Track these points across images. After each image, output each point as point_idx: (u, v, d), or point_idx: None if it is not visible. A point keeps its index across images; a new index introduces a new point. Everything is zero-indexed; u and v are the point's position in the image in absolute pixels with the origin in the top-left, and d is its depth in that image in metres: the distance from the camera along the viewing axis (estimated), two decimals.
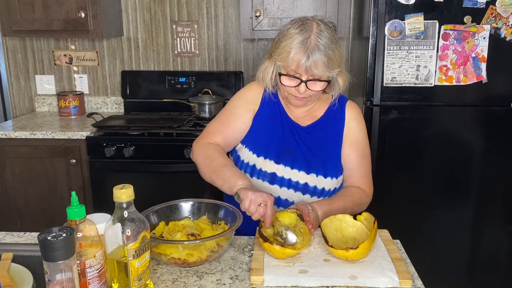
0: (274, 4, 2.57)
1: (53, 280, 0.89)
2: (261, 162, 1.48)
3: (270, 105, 1.54)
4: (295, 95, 1.43)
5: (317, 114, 1.55)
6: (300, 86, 1.39)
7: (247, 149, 1.51)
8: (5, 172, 2.58)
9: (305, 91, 1.40)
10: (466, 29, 2.15)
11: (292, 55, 1.35)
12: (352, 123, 1.54)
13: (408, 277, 1.10)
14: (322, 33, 1.36)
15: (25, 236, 1.36)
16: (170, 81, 2.95)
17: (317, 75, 1.37)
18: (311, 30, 1.36)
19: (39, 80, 3.10)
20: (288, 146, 1.49)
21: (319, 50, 1.34)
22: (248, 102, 1.55)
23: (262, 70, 1.50)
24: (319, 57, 1.34)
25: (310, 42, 1.34)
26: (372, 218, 1.27)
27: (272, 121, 1.53)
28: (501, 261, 2.43)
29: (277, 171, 1.46)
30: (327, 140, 1.52)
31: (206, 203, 1.38)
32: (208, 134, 1.55)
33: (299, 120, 1.54)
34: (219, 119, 1.58)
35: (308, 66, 1.35)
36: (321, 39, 1.35)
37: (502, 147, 2.29)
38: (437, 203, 2.35)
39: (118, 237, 0.99)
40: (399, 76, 2.21)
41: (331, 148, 1.51)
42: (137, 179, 2.40)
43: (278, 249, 1.16)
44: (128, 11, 2.97)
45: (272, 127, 1.52)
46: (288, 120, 1.53)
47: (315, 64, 1.34)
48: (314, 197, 1.48)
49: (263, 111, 1.54)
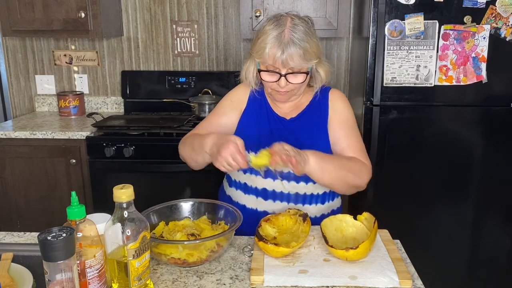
0: (274, 4, 2.57)
1: (53, 280, 0.89)
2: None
3: (257, 103, 1.58)
4: (278, 90, 1.46)
5: (303, 106, 1.57)
6: (280, 80, 1.42)
7: None
8: (5, 172, 2.58)
9: (285, 84, 1.42)
10: (466, 29, 2.15)
11: (268, 50, 1.39)
12: (336, 105, 1.55)
13: (408, 277, 1.10)
14: (296, 26, 1.39)
15: (25, 236, 1.36)
16: (170, 81, 2.95)
17: (295, 67, 1.40)
18: (285, 25, 1.40)
19: (39, 80, 3.10)
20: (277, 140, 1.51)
21: (293, 43, 1.37)
22: (233, 101, 1.60)
23: (245, 70, 1.54)
24: (294, 50, 1.37)
25: (284, 36, 1.38)
26: (372, 218, 1.27)
27: (259, 118, 1.56)
28: (501, 261, 2.43)
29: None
30: (313, 126, 1.53)
31: (206, 203, 1.38)
32: (194, 131, 1.62)
33: (286, 114, 1.56)
34: (205, 119, 1.65)
35: (284, 60, 1.37)
36: (295, 32, 1.38)
37: (502, 147, 2.29)
38: (437, 203, 2.35)
39: (118, 237, 0.99)
40: (399, 76, 2.21)
41: (318, 133, 1.53)
42: (137, 179, 2.40)
43: (272, 248, 1.17)
44: (128, 11, 2.97)
45: (260, 125, 1.55)
46: (274, 116, 1.56)
47: (291, 57, 1.37)
48: (309, 183, 1.49)
49: (250, 110, 1.58)
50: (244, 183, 1.53)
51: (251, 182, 1.51)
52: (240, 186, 1.55)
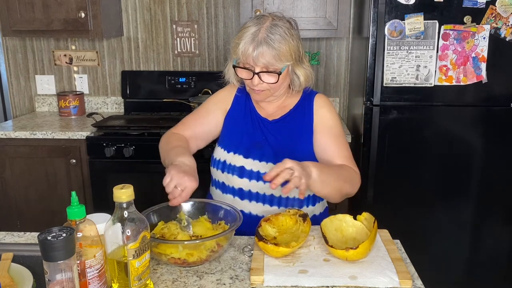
0: (274, 4, 2.57)
1: (53, 280, 0.89)
2: (230, 157, 1.51)
3: (242, 104, 1.59)
4: (252, 88, 1.46)
5: (287, 108, 1.57)
6: (253, 78, 1.43)
7: (220, 148, 1.56)
8: (5, 172, 2.58)
9: (258, 83, 1.43)
10: (466, 29, 2.15)
11: (241, 46, 1.40)
12: (321, 111, 1.54)
13: (408, 277, 1.10)
14: (275, 27, 1.40)
15: (25, 236, 1.36)
16: (170, 81, 2.95)
17: (269, 67, 1.40)
18: (263, 24, 1.41)
19: (39, 80, 3.10)
20: (258, 141, 1.52)
21: (266, 42, 1.38)
22: (219, 101, 1.61)
23: (227, 67, 1.55)
24: (266, 49, 1.38)
25: (259, 34, 1.39)
26: (372, 218, 1.27)
27: (243, 118, 1.57)
28: (501, 261, 2.43)
29: (246, 165, 1.48)
30: (296, 131, 1.53)
31: (206, 203, 1.38)
32: (177, 126, 1.63)
33: (269, 115, 1.56)
34: (190, 115, 1.65)
35: (254, 57, 1.38)
36: (271, 32, 1.39)
37: (502, 147, 2.29)
38: (437, 203, 2.35)
39: (118, 237, 0.99)
40: (399, 76, 2.21)
41: (300, 137, 1.52)
42: (137, 179, 2.40)
43: (272, 248, 1.17)
44: (128, 11, 2.97)
45: (242, 125, 1.56)
46: (257, 116, 1.56)
47: (262, 54, 1.38)
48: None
49: (234, 110, 1.59)
50: (222, 182, 1.53)
51: (228, 182, 1.51)
52: (219, 185, 1.55)
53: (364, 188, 2.31)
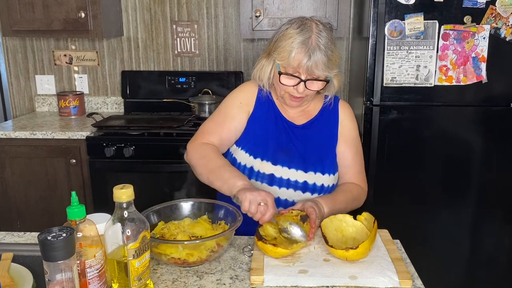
0: (274, 4, 2.57)
1: (53, 280, 0.89)
2: (258, 164, 1.47)
3: (265, 106, 1.54)
4: (293, 95, 1.43)
5: (312, 113, 1.55)
6: (299, 86, 1.40)
7: (243, 151, 1.50)
8: (5, 172, 2.58)
9: (303, 90, 1.40)
10: (466, 29, 2.15)
11: (294, 55, 1.36)
12: (346, 122, 1.55)
13: (408, 277, 1.10)
14: (322, 33, 1.37)
15: (25, 236, 1.36)
16: (170, 81, 2.95)
17: (316, 75, 1.38)
18: (312, 30, 1.37)
19: (39, 80, 3.10)
20: (285, 147, 1.49)
21: (320, 50, 1.35)
22: (242, 104, 1.54)
23: (259, 69, 1.49)
24: (320, 57, 1.35)
25: (311, 42, 1.35)
26: (372, 218, 1.27)
27: (267, 121, 1.53)
28: (501, 261, 2.43)
29: (275, 172, 1.46)
30: (323, 138, 1.53)
31: (206, 203, 1.38)
32: (203, 134, 1.53)
33: (294, 119, 1.54)
34: (213, 120, 1.56)
35: (309, 66, 1.35)
36: (321, 39, 1.36)
37: (502, 147, 2.29)
38: (437, 203, 2.35)
39: (118, 237, 0.99)
40: (399, 76, 2.21)
41: (327, 145, 1.52)
42: (137, 179, 2.41)
43: (271, 248, 1.17)
44: (128, 11, 2.97)
45: (267, 128, 1.52)
46: (282, 120, 1.53)
47: (316, 64, 1.35)
48: (314, 194, 1.48)
49: (257, 112, 1.53)
50: None
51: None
52: None
53: None
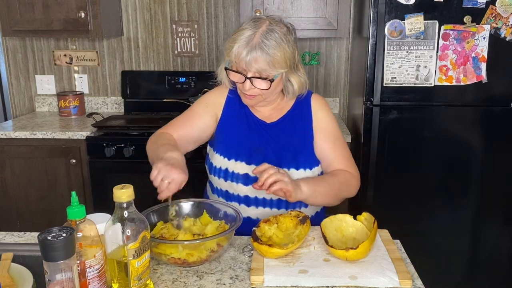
0: (274, 4, 2.57)
1: (53, 280, 0.89)
2: (232, 165, 1.48)
3: (235, 107, 1.54)
4: (244, 92, 1.43)
5: (284, 110, 1.54)
6: (245, 83, 1.39)
7: (218, 154, 1.51)
8: (5, 172, 2.58)
9: (250, 88, 1.40)
10: (466, 29, 2.15)
11: (235, 49, 1.36)
12: (319, 114, 1.53)
13: (408, 277, 1.10)
14: (271, 32, 1.36)
15: (25, 236, 1.36)
16: (170, 81, 2.95)
17: (262, 73, 1.36)
18: (259, 27, 1.37)
19: (39, 80, 3.10)
20: (258, 146, 1.49)
21: (260, 48, 1.34)
22: (208, 104, 1.55)
23: (220, 67, 1.51)
24: (260, 54, 1.34)
25: (254, 38, 1.35)
26: (372, 218, 1.27)
27: (239, 122, 1.53)
28: (501, 261, 2.43)
29: (249, 172, 1.45)
30: (297, 133, 1.51)
31: (206, 203, 1.38)
32: (165, 127, 1.57)
33: (266, 118, 1.53)
34: (178, 117, 1.59)
35: (247, 61, 1.34)
36: (267, 38, 1.35)
37: (502, 147, 2.29)
38: (437, 203, 2.35)
39: (118, 237, 0.99)
40: (399, 76, 2.21)
41: (301, 140, 1.51)
42: (137, 179, 2.39)
43: (266, 248, 1.16)
44: (128, 11, 2.97)
45: (239, 129, 1.52)
46: (254, 119, 1.53)
47: (255, 60, 1.34)
48: None
49: (228, 114, 1.54)
50: (225, 190, 1.51)
51: (232, 190, 1.49)
52: (222, 193, 1.52)
53: (364, 188, 2.31)
